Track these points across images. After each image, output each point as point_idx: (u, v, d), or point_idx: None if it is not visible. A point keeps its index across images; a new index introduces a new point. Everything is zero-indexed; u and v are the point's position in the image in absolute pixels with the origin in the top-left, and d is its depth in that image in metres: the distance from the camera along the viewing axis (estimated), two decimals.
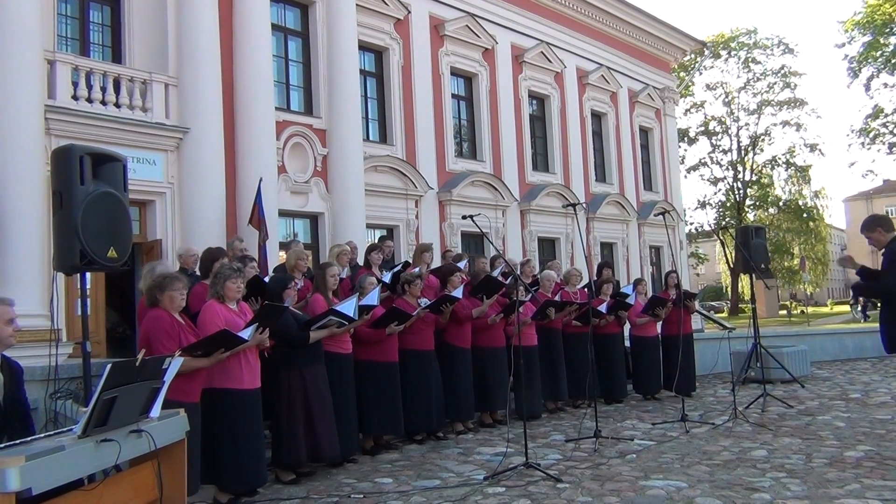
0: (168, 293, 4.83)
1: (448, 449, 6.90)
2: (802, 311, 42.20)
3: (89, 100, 9.88)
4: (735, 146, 45.11)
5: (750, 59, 44.40)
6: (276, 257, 10.46)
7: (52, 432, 3.69)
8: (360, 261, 8.60)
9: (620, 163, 20.78)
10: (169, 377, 3.80)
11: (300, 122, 12.50)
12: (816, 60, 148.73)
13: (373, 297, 6.51)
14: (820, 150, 45.06)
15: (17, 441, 3.31)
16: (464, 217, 6.98)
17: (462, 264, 8.64)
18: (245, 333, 4.99)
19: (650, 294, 10.41)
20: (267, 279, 6.59)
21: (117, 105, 10.17)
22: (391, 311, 6.76)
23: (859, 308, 39.17)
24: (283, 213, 11.93)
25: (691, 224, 43.81)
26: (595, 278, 10.24)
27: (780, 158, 44.91)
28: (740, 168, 44.91)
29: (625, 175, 20.87)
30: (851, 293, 7.52)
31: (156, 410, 3.74)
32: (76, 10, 10.78)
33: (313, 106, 12.85)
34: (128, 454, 3.46)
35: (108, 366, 3.28)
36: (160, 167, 10.55)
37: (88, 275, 5.13)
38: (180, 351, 4.59)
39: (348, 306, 6.11)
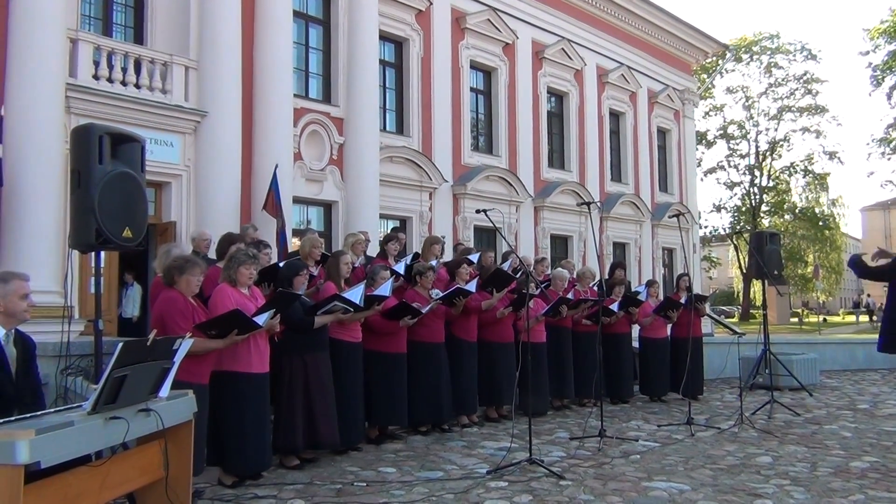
0: (186, 277, 4.85)
1: (452, 441, 6.92)
2: (825, 320, 41.73)
3: (110, 80, 9.94)
4: (753, 151, 44.74)
5: (772, 64, 43.96)
6: (290, 244, 10.49)
7: (62, 407, 3.74)
8: (372, 251, 8.60)
9: (637, 163, 20.70)
10: (179, 358, 3.83)
11: (318, 109, 12.52)
12: (839, 67, 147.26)
13: (385, 289, 6.50)
14: (839, 159, 44.51)
15: (28, 415, 3.35)
16: (477, 211, 6.95)
17: (474, 257, 8.60)
18: (260, 319, 4.99)
19: (662, 297, 10.36)
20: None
21: (137, 86, 10.23)
22: (401, 305, 6.76)
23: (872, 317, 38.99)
24: (298, 200, 11.98)
25: (706, 227, 43.57)
26: (607, 278, 10.19)
27: (798, 165, 44.51)
28: (757, 173, 44.53)
29: (640, 175, 20.79)
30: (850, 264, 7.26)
31: (165, 390, 3.78)
32: None
33: (331, 94, 12.88)
34: (136, 432, 3.50)
35: (120, 344, 3.31)
36: (177, 149, 10.61)
37: (103, 254, 5.17)
38: (194, 328, 4.62)
39: (354, 293, 6.11)
